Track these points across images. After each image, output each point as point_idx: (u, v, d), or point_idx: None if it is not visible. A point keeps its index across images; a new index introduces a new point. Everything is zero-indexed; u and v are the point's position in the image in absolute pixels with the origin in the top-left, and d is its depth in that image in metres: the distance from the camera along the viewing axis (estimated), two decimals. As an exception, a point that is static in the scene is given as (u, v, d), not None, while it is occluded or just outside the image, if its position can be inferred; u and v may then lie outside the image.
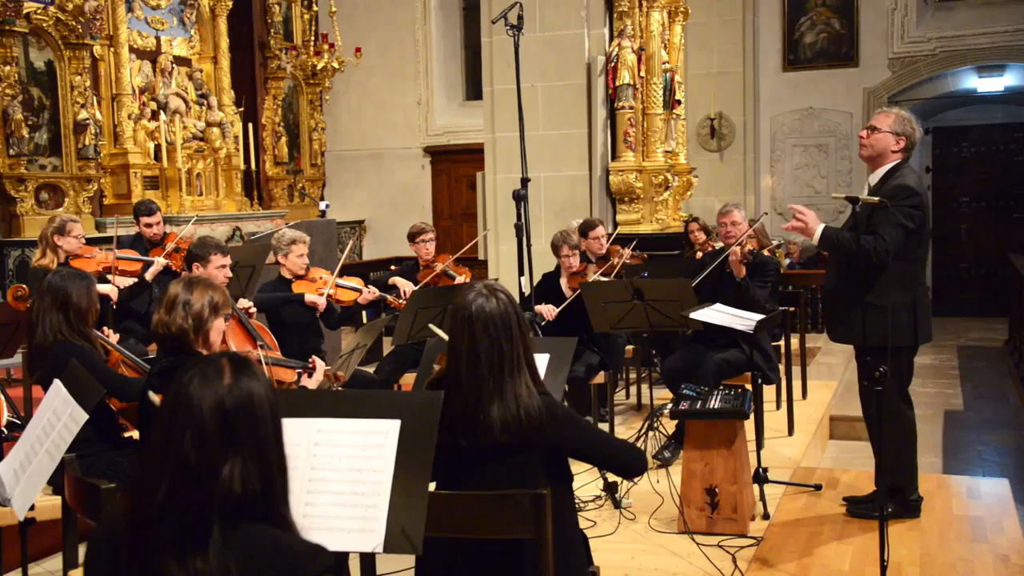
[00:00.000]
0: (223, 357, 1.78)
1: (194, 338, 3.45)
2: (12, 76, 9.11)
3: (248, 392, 1.75)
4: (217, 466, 1.69)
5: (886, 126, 4.33)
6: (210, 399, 1.71)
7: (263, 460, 1.73)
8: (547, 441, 2.72)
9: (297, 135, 13.50)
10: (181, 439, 1.69)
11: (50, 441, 2.92)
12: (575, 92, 8.47)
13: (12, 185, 9.19)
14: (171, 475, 1.69)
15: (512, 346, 2.71)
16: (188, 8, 11.50)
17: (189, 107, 11.34)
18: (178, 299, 3.45)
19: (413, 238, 6.60)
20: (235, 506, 1.70)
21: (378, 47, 13.21)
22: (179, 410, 1.71)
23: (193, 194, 11.00)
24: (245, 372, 1.77)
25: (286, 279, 5.96)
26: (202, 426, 1.70)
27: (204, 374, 1.74)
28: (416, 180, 13.80)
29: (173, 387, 1.74)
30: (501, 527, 2.65)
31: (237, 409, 1.72)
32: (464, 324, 2.72)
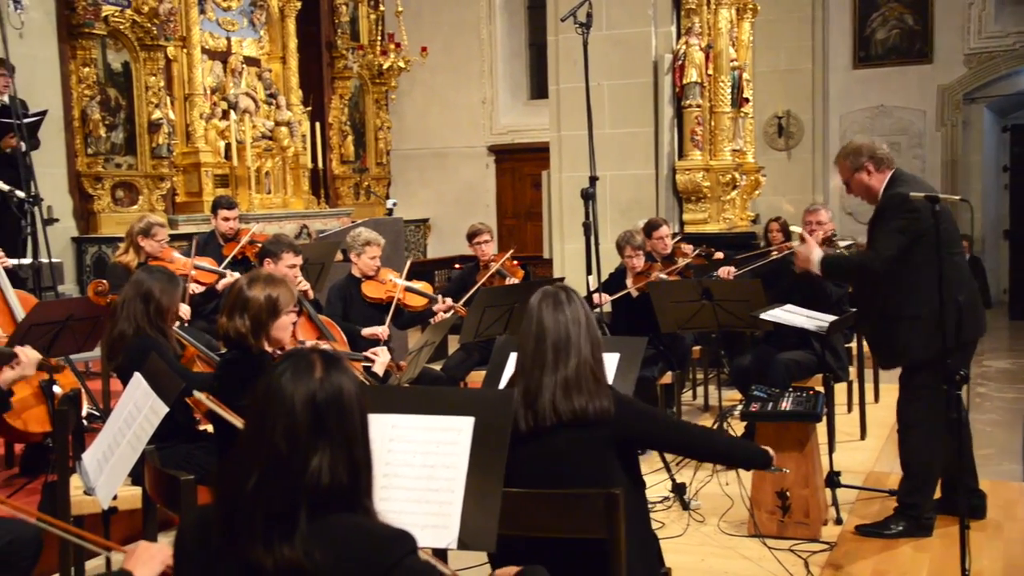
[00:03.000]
0: (314, 352, 1.83)
1: (254, 341, 3.47)
2: (91, 77, 9.34)
3: (338, 386, 1.79)
4: (307, 457, 1.73)
5: (847, 173, 4.31)
6: (302, 392, 1.76)
7: (351, 453, 1.78)
8: (619, 433, 2.73)
9: (363, 134, 13.62)
10: (273, 430, 1.74)
11: (132, 433, 2.99)
12: (641, 90, 8.41)
13: (90, 183, 9.42)
14: (262, 464, 1.74)
15: (586, 341, 2.74)
16: (258, 9, 11.68)
17: (258, 106, 11.52)
18: (239, 299, 3.47)
19: (471, 239, 6.64)
20: (322, 497, 1.74)
21: (443, 46, 13.27)
22: (271, 402, 1.76)
23: (261, 192, 11.17)
24: (335, 367, 1.81)
25: (356, 278, 6.02)
26: (293, 418, 1.74)
27: (296, 368, 1.79)
28: (480, 179, 13.85)
29: (265, 379, 1.79)
30: (574, 527, 2.64)
31: (328, 403, 1.77)
32: (529, 323, 2.77)
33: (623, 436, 2.75)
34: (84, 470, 3.09)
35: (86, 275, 9.13)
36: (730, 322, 5.51)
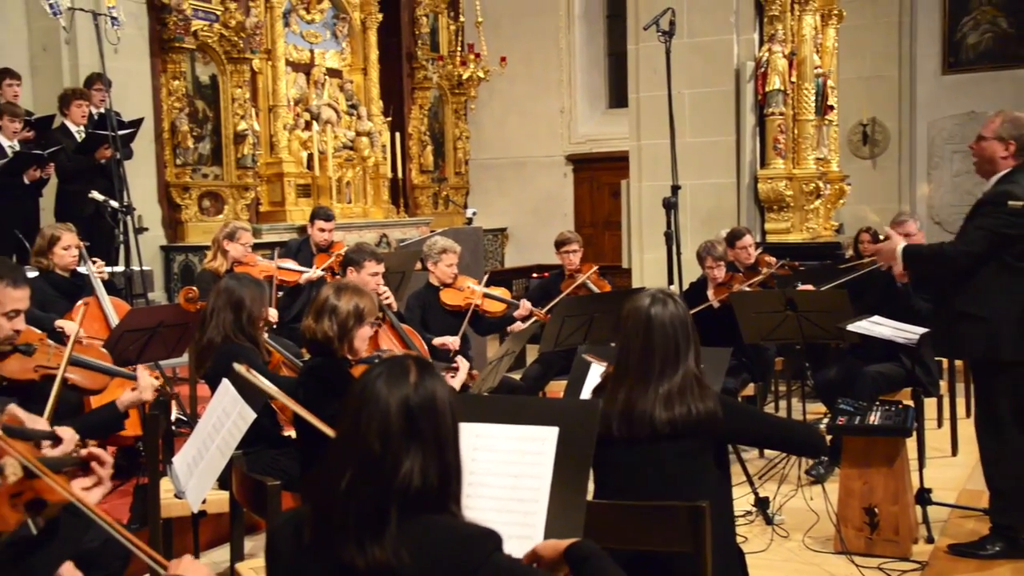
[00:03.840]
0: (408, 358, 1.86)
1: (338, 346, 3.54)
2: (180, 90, 9.59)
3: (432, 392, 1.83)
4: (399, 459, 1.77)
5: (991, 132, 4.08)
6: (397, 395, 1.80)
7: (442, 458, 1.80)
8: (721, 437, 2.72)
9: (442, 144, 13.73)
10: (367, 431, 1.78)
11: (220, 438, 3.05)
12: (723, 98, 8.33)
13: (178, 193, 9.66)
14: (355, 464, 1.78)
15: (688, 348, 2.75)
16: (340, 22, 11.87)
17: (340, 117, 11.70)
18: (326, 305, 3.56)
19: (559, 247, 6.62)
20: (412, 499, 1.77)
21: (522, 56, 13.30)
22: (366, 403, 1.80)
23: (342, 202, 11.32)
24: (429, 373, 1.85)
25: (434, 286, 6.06)
26: (387, 420, 1.78)
27: (391, 372, 1.83)
28: (558, 188, 13.84)
29: (359, 382, 1.83)
30: (659, 539, 2.61)
31: (421, 407, 1.80)
32: (640, 326, 2.77)
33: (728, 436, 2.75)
34: (175, 474, 3.16)
35: (173, 283, 9.36)
36: (815, 333, 5.40)
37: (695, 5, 8.21)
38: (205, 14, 9.75)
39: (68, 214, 7.06)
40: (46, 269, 5.13)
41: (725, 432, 2.76)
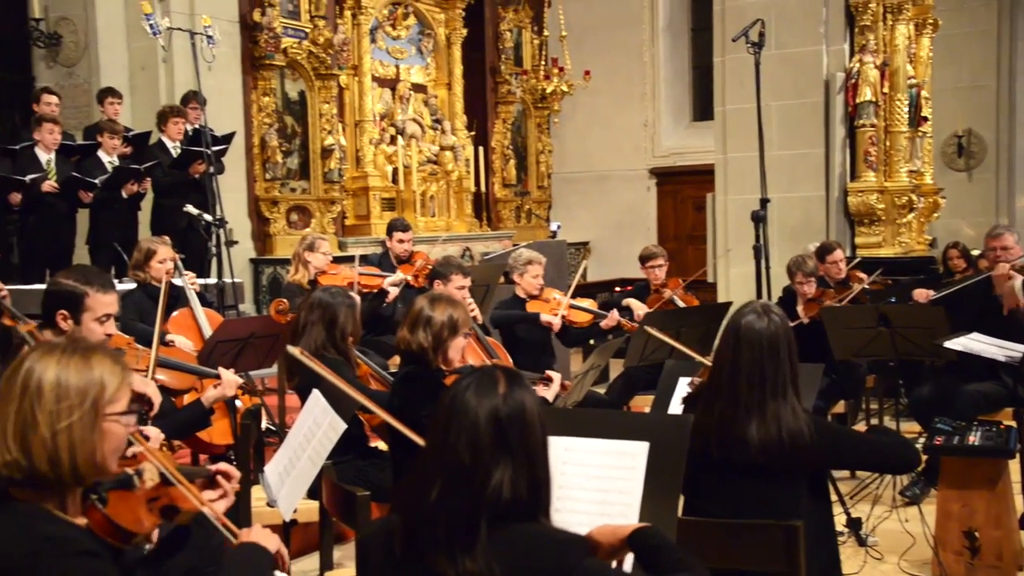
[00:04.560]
0: (497, 369, 1.85)
1: (432, 357, 3.57)
2: (270, 106, 9.80)
3: (521, 403, 1.83)
4: (489, 470, 1.77)
5: None
6: (486, 407, 1.80)
7: (532, 470, 1.80)
8: (816, 464, 2.64)
9: (525, 157, 13.77)
10: (456, 442, 1.78)
11: (311, 448, 3.09)
12: (812, 110, 8.19)
13: (267, 207, 9.87)
14: (445, 475, 1.78)
15: (778, 367, 2.67)
16: (426, 38, 12.01)
17: (424, 132, 11.83)
18: (420, 316, 3.59)
19: (644, 261, 6.56)
20: (502, 510, 1.77)
21: (605, 69, 13.27)
22: (456, 414, 1.80)
23: (426, 215, 11.43)
24: (518, 384, 1.85)
25: (520, 299, 6.06)
26: (477, 431, 1.78)
27: (480, 383, 1.83)
28: (641, 202, 13.76)
29: (449, 393, 1.84)
30: (751, 559, 2.56)
31: (511, 418, 1.80)
32: (731, 338, 2.71)
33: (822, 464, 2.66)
34: (266, 482, 3.21)
35: (262, 295, 9.55)
36: (909, 350, 5.25)
37: (784, 16, 8.09)
38: (295, 32, 9.95)
39: (163, 227, 7.27)
40: (143, 281, 5.28)
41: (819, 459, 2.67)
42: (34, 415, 1.78)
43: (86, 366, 1.85)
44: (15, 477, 1.80)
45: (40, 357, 1.85)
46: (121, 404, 1.89)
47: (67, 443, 1.80)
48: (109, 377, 1.87)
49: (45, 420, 1.78)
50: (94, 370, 1.85)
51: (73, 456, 1.80)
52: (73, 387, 1.82)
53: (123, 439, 1.93)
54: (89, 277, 3.44)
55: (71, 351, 1.87)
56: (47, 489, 1.83)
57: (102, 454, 1.86)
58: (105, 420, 1.85)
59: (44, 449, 1.78)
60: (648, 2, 13.51)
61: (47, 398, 1.79)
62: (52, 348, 1.89)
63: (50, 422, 1.79)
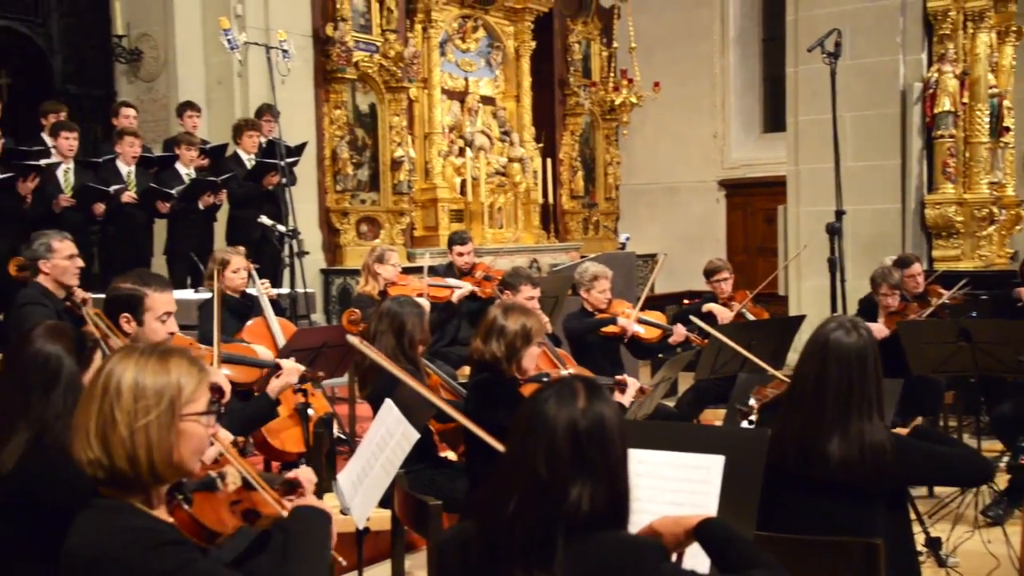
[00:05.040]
0: (577, 380, 1.83)
1: (507, 366, 3.57)
2: (341, 119, 9.94)
3: (600, 415, 1.80)
4: (567, 485, 1.74)
5: None
6: (564, 419, 1.77)
7: (611, 484, 1.77)
8: (897, 481, 2.58)
9: (593, 169, 13.74)
10: (534, 456, 1.76)
11: (384, 457, 3.11)
12: (887, 121, 8.04)
13: (337, 218, 9.99)
14: (522, 489, 1.76)
15: (864, 383, 2.61)
16: (495, 50, 12.08)
17: (492, 144, 11.88)
18: (494, 326, 3.59)
19: (709, 276, 6.51)
20: (580, 525, 1.75)
21: (675, 81, 13.20)
22: (534, 427, 1.78)
23: (494, 227, 11.47)
24: (598, 396, 1.82)
25: (588, 312, 6.04)
26: (555, 445, 1.76)
27: (559, 395, 1.81)
28: (710, 214, 13.64)
29: (528, 404, 1.82)
30: (831, 577, 2.50)
31: (589, 431, 1.77)
32: (817, 351, 2.66)
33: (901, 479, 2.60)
34: (340, 490, 3.24)
35: (331, 305, 9.67)
36: (991, 366, 5.10)
37: (859, 26, 7.97)
38: (366, 45, 10.08)
39: (238, 238, 7.40)
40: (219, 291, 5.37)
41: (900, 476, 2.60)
42: (113, 415, 1.85)
43: (163, 368, 1.91)
44: (99, 476, 1.86)
45: (120, 360, 1.91)
46: (199, 404, 1.94)
47: (144, 441, 1.85)
48: (186, 379, 1.92)
49: (123, 419, 1.84)
50: (171, 372, 1.91)
51: (150, 454, 1.85)
52: (150, 388, 1.87)
53: (203, 439, 1.97)
54: (146, 279, 3.55)
55: (149, 354, 1.93)
56: (130, 487, 1.88)
57: (180, 454, 1.90)
58: (183, 420, 1.90)
59: (123, 447, 1.84)
60: (718, 13, 13.42)
61: (125, 398, 1.85)
62: (131, 351, 1.95)
63: (128, 421, 1.84)
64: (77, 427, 1.87)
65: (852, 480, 2.56)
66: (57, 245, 4.49)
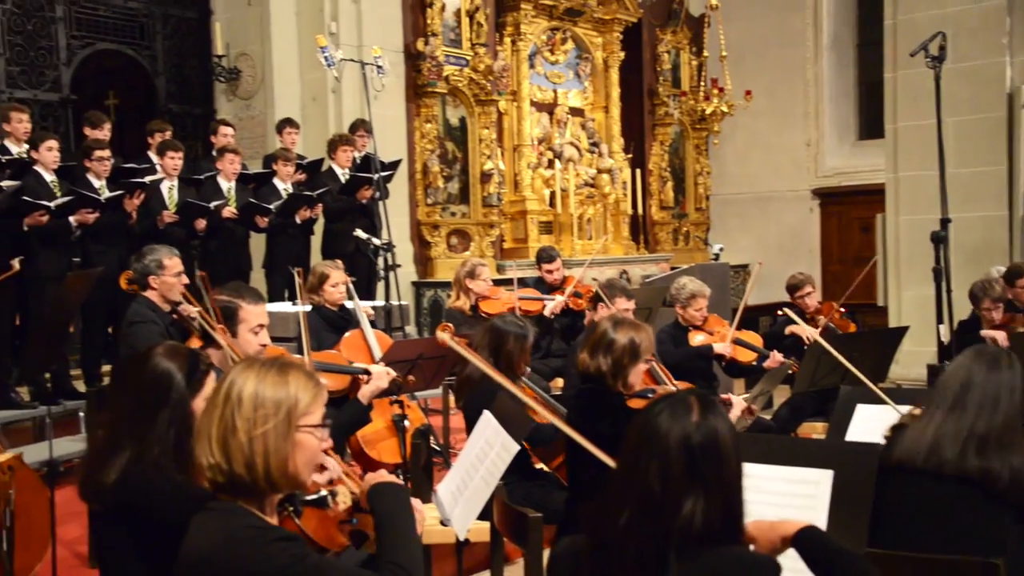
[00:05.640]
0: (691, 394, 1.82)
1: (612, 382, 3.53)
2: (432, 133, 10.06)
3: (714, 429, 1.78)
4: (680, 499, 1.73)
5: None
6: (677, 433, 1.76)
7: (725, 500, 1.76)
8: None
9: (682, 179, 13.62)
10: (646, 470, 1.75)
11: (484, 468, 3.11)
12: (993, 125, 7.78)
13: (428, 231, 10.10)
14: (635, 503, 1.75)
15: (1012, 407, 2.52)
16: (583, 61, 12.08)
17: (581, 155, 11.87)
18: (603, 340, 3.55)
19: (792, 292, 6.40)
20: (693, 540, 1.74)
21: (766, 89, 13.01)
22: (646, 441, 1.77)
23: (583, 238, 11.44)
24: (711, 410, 1.81)
25: (683, 326, 5.98)
26: (668, 459, 1.75)
27: (673, 409, 1.80)
28: (804, 223, 13.38)
29: (641, 418, 1.81)
30: (945, 598, 2.41)
31: (703, 446, 1.76)
32: (963, 376, 2.57)
33: None
34: (439, 501, 3.26)
35: (423, 317, 9.76)
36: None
37: (962, 28, 7.73)
38: (456, 59, 10.19)
39: (333, 251, 7.53)
40: (317, 304, 5.48)
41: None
42: (234, 422, 1.93)
43: (282, 381, 1.98)
44: (218, 480, 1.94)
45: (242, 371, 2.00)
46: (314, 417, 2.00)
47: (262, 448, 1.92)
48: (303, 392, 1.98)
49: (243, 426, 1.92)
50: (290, 385, 1.98)
51: (267, 461, 1.92)
52: (269, 398, 1.95)
53: (316, 451, 2.03)
54: (240, 291, 3.63)
55: (269, 366, 2.01)
56: (245, 493, 1.95)
57: (295, 464, 1.96)
58: (298, 431, 1.96)
59: (241, 453, 1.92)
60: (811, 19, 13.18)
61: (246, 407, 1.94)
62: (252, 363, 2.03)
63: (247, 428, 1.92)
64: (199, 433, 1.97)
65: (985, 491, 2.47)
66: (167, 262, 4.62)
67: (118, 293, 5.69)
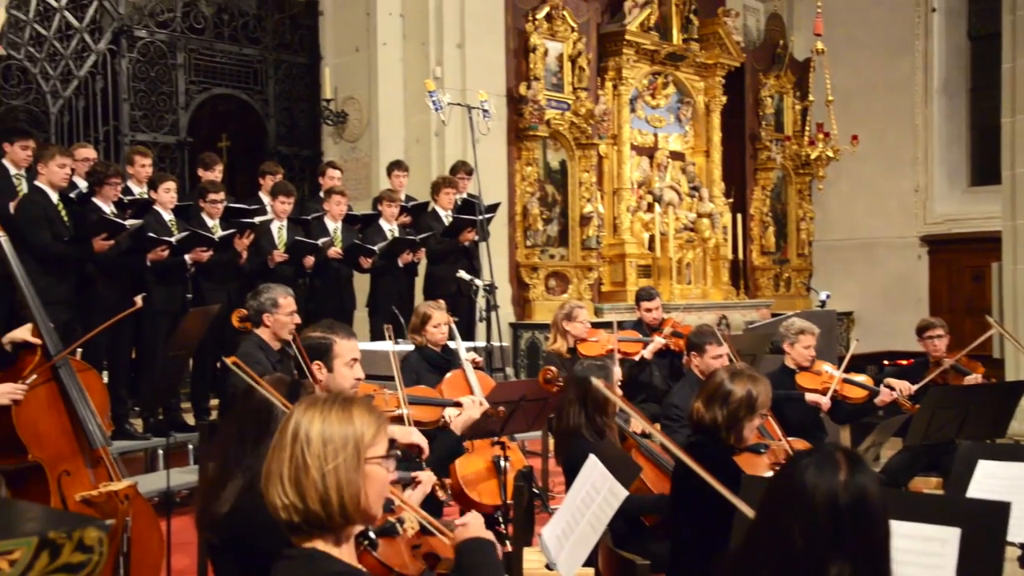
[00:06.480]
0: (838, 450, 1.75)
1: (725, 435, 3.46)
2: (532, 175, 10.13)
3: (863, 489, 1.71)
4: (824, 564, 1.65)
5: None
6: (824, 491, 1.69)
7: (873, 565, 1.66)
8: None
9: (784, 224, 13.42)
10: (789, 527, 1.67)
11: (591, 513, 3.07)
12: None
13: (527, 273, 10.15)
14: (775, 562, 1.68)
15: None
16: (684, 106, 12.05)
17: (681, 199, 11.80)
18: (719, 391, 3.47)
19: (921, 333, 6.19)
20: None
21: (873, 133, 12.74)
22: (790, 498, 1.70)
23: (682, 282, 11.34)
24: (860, 468, 1.73)
25: (790, 369, 5.85)
26: (814, 518, 1.68)
27: (819, 465, 1.72)
28: (911, 271, 13.00)
29: (784, 472, 1.75)
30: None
31: (851, 507, 1.68)
32: None
33: None
34: (545, 545, 3.22)
35: (519, 359, 9.77)
36: None
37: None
38: (557, 103, 10.28)
39: (435, 292, 7.62)
40: (420, 344, 5.53)
41: None
42: (304, 460, 1.94)
43: (346, 416, 2.00)
44: (293, 520, 1.95)
45: (304, 411, 2.01)
46: (380, 448, 2.01)
47: (335, 483, 1.93)
48: (367, 426, 2.00)
49: (315, 463, 1.94)
50: (354, 419, 2.00)
51: (341, 495, 1.94)
52: (336, 434, 1.97)
53: (385, 482, 2.04)
54: (334, 327, 3.71)
55: (331, 403, 2.03)
56: (321, 529, 1.96)
57: (367, 497, 1.97)
58: (367, 463, 1.97)
59: (315, 490, 1.93)
60: (921, 63, 12.90)
61: (315, 444, 1.95)
62: (315, 401, 2.05)
63: (319, 465, 1.94)
64: (270, 474, 1.97)
65: None
66: (282, 301, 4.71)
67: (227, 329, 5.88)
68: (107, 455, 3.92)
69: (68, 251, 6.13)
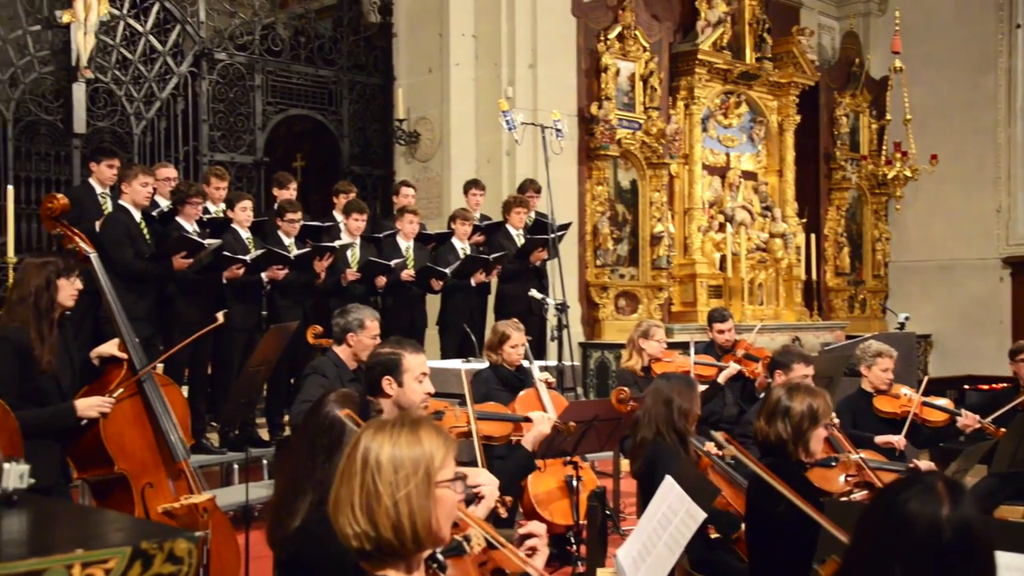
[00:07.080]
0: (939, 480, 1.69)
1: (792, 449, 3.42)
2: (603, 195, 10.12)
3: (968, 523, 1.63)
4: None
5: None
6: (926, 524, 1.62)
7: None
8: None
9: (859, 245, 13.17)
10: (889, 560, 1.62)
11: (668, 535, 3.04)
12: None
13: (596, 292, 10.11)
14: None
15: None
16: (757, 125, 11.93)
17: (754, 219, 11.67)
18: (779, 407, 3.46)
19: (1014, 356, 6.03)
20: None
21: (951, 153, 12.44)
22: (890, 528, 1.64)
23: (754, 303, 11.20)
24: (963, 499, 1.65)
25: (867, 392, 5.74)
26: (914, 552, 1.62)
27: (921, 496, 1.65)
28: (992, 293, 12.64)
29: (883, 499, 1.69)
30: None
31: (955, 542, 1.61)
32: None
33: None
34: (620, 566, 3.20)
35: (589, 379, 9.73)
36: None
37: None
38: (629, 123, 10.25)
39: (506, 311, 7.62)
40: (495, 363, 5.55)
41: None
42: (376, 487, 1.91)
43: (415, 439, 1.96)
44: (365, 548, 1.92)
45: (373, 435, 1.97)
46: (449, 471, 1.98)
47: (407, 510, 1.91)
48: (436, 448, 1.97)
49: (386, 490, 1.90)
50: (423, 442, 1.96)
51: (414, 522, 1.91)
52: (407, 459, 1.93)
53: (454, 504, 2.01)
54: (401, 343, 3.73)
55: (400, 426, 1.99)
56: (393, 556, 1.94)
57: (437, 520, 1.95)
58: (438, 487, 1.94)
59: (388, 518, 1.90)
60: (1004, 81, 12.58)
61: (386, 470, 1.92)
62: (382, 425, 2.01)
63: (391, 492, 1.90)
64: (339, 502, 1.94)
65: None
66: (369, 323, 4.75)
67: (301, 347, 5.96)
68: (188, 468, 4.00)
69: (149, 268, 6.28)
